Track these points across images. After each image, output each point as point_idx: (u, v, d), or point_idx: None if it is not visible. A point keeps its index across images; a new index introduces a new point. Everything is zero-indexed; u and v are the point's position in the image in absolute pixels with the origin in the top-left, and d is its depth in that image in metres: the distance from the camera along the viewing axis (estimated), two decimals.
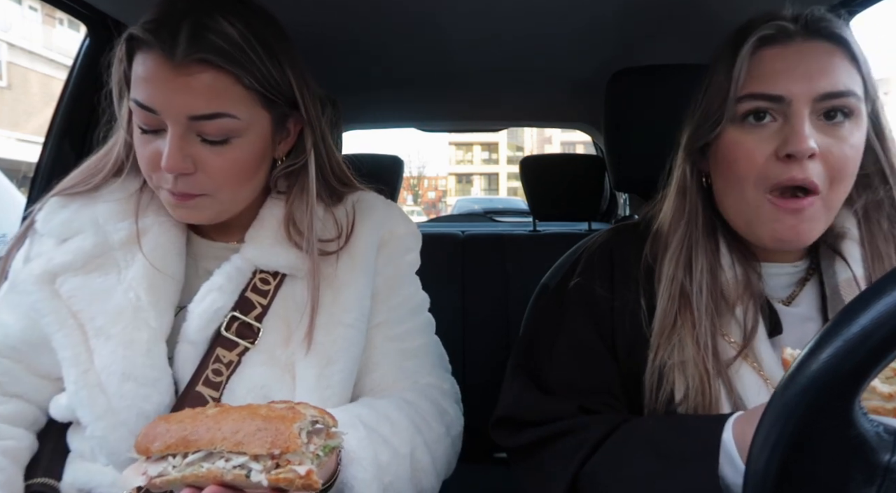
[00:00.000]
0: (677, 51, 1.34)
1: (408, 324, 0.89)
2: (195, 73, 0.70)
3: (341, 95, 1.65)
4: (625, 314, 0.80)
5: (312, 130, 0.82)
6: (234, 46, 0.72)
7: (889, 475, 0.37)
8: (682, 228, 0.79)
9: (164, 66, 0.70)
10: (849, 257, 0.76)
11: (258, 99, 0.75)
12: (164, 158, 0.71)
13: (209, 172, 0.74)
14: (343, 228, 0.84)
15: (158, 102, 0.71)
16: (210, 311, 0.78)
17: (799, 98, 0.69)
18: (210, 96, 0.71)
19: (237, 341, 0.78)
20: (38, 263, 0.78)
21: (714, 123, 0.74)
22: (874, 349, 0.35)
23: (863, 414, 0.37)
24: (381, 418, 0.76)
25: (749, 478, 0.40)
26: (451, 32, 1.34)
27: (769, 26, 0.72)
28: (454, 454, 0.88)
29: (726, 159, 0.74)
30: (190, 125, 0.72)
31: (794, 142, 0.68)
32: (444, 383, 0.91)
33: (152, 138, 0.74)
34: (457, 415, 0.89)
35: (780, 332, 0.75)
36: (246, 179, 0.78)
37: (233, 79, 0.72)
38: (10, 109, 15.05)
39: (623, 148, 1.14)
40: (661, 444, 0.69)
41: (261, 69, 0.74)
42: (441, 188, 47.64)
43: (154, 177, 0.76)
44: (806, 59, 0.70)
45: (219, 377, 0.77)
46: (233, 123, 0.73)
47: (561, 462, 0.75)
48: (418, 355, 0.89)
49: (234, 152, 0.75)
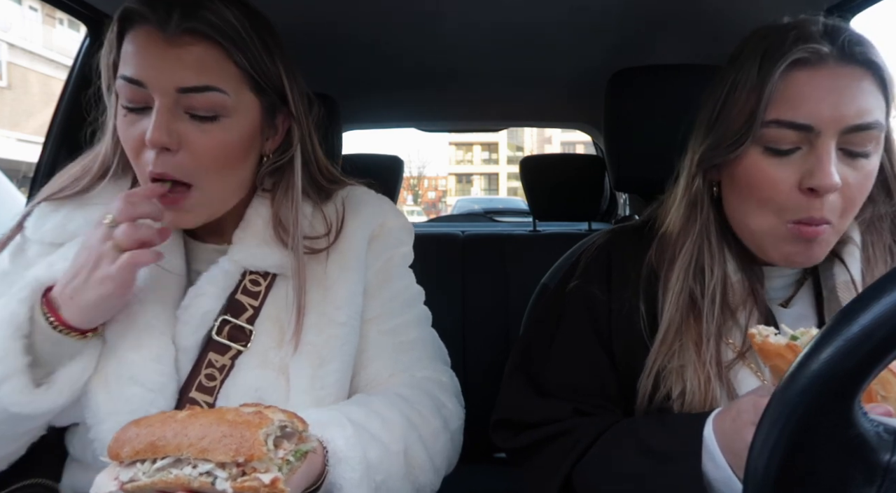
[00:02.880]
0: (677, 51, 1.34)
1: (401, 317, 0.87)
2: (186, 45, 0.70)
3: (341, 94, 1.65)
4: (622, 317, 0.80)
5: (299, 125, 0.82)
6: (227, 24, 0.72)
7: (889, 475, 0.37)
8: (693, 239, 0.78)
9: (156, 39, 0.70)
10: (849, 262, 0.76)
11: (248, 81, 0.75)
12: (149, 131, 0.69)
13: (193, 152, 0.72)
14: (332, 224, 0.83)
15: (147, 75, 0.70)
16: (196, 316, 0.76)
17: (827, 129, 0.67)
18: (200, 69, 0.71)
19: (229, 344, 0.77)
20: (39, 268, 0.76)
21: (736, 143, 0.72)
22: (874, 349, 0.35)
23: (863, 414, 0.37)
24: (371, 415, 0.74)
25: (749, 478, 0.40)
26: (451, 32, 1.34)
27: (804, 50, 0.68)
28: (454, 449, 0.85)
29: (747, 183, 0.72)
30: (178, 99, 0.71)
31: (819, 176, 0.67)
32: (441, 376, 0.88)
33: (137, 118, 0.72)
34: (455, 408, 0.87)
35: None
36: (231, 167, 0.76)
37: (224, 54, 0.72)
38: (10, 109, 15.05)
39: (623, 148, 1.14)
40: (647, 442, 0.70)
41: (252, 52, 0.74)
42: (441, 188, 47.65)
43: (139, 162, 0.73)
44: (837, 86, 0.67)
45: (212, 382, 0.76)
46: (222, 99, 0.72)
47: (555, 462, 0.76)
48: (414, 348, 0.87)
49: (222, 133, 0.73)
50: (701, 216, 0.78)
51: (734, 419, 0.62)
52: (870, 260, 0.76)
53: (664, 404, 0.75)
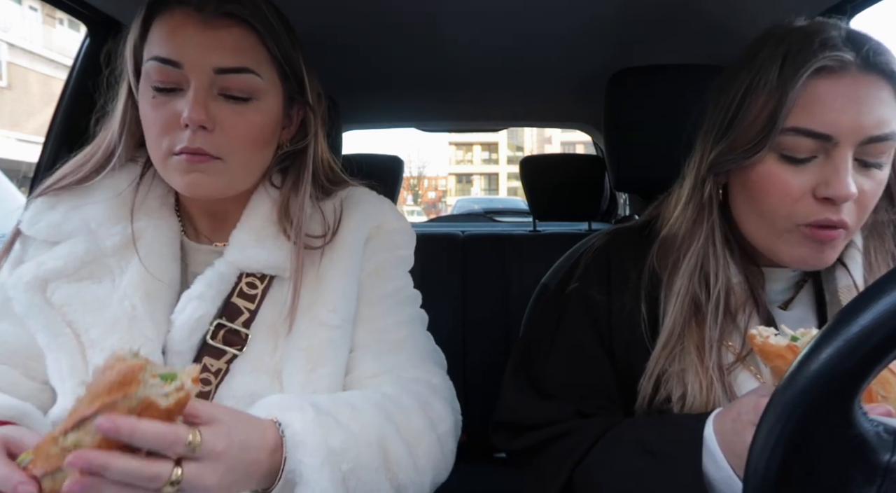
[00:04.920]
0: (677, 51, 1.34)
1: (392, 317, 0.84)
2: (224, 27, 0.73)
3: (341, 94, 1.66)
4: (622, 319, 0.80)
5: (315, 115, 0.84)
6: (260, 11, 0.75)
7: (889, 475, 0.37)
8: (698, 243, 0.76)
9: (194, 20, 0.72)
10: (851, 266, 0.76)
11: (276, 68, 0.78)
12: (188, 110, 0.70)
13: (228, 132, 0.74)
14: (329, 225, 0.82)
15: (185, 55, 0.72)
16: (191, 321, 0.75)
17: (846, 139, 0.66)
18: (238, 51, 0.73)
19: (224, 348, 0.76)
20: (28, 267, 0.75)
21: (752, 149, 0.70)
22: (874, 349, 0.35)
23: (863, 414, 0.37)
24: (340, 403, 0.70)
25: (749, 478, 0.40)
26: (451, 32, 1.34)
27: (829, 58, 0.66)
28: (442, 454, 0.78)
29: (760, 188, 0.71)
30: (214, 80, 0.73)
31: (836, 187, 0.66)
32: (432, 378, 0.83)
33: (167, 99, 0.73)
34: (444, 411, 0.80)
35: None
36: (259, 148, 0.78)
37: (259, 39, 0.75)
38: (10, 109, 15.05)
39: (623, 148, 1.14)
40: (648, 442, 0.70)
41: (282, 40, 0.77)
42: (441, 188, 47.65)
43: (166, 140, 0.73)
44: (858, 96, 0.66)
45: (207, 387, 0.75)
46: (256, 82, 0.75)
47: (557, 463, 0.76)
48: (402, 349, 0.83)
49: (254, 114, 0.75)
50: (708, 220, 0.76)
51: (735, 420, 0.62)
52: (871, 266, 0.76)
53: (664, 407, 0.75)
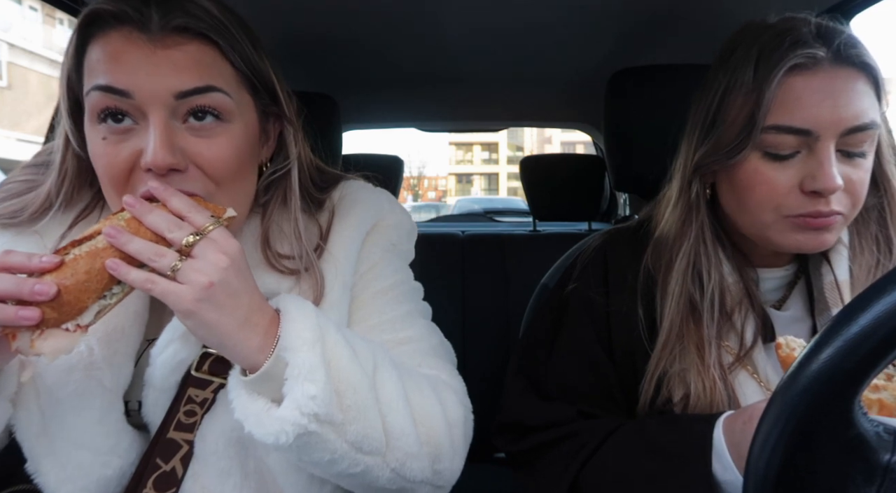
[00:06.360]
0: (677, 51, 1.34)
1: (393, 313, 0.78)
2: (177, 45, 0.61)
3: (341, 95, 1.65)
4: (620, 320, 0.80)
5: (293, 128, 0.74)
6: (213, 19, 0.63)
7: (889, 475, 0.37)
8: (689, 243, 0.77)
9: (138, 41, 0.60)
10: (835, 261, 0.76)
11: (244, 82, 0.68)
12: (150, 153, 0.59)
13: (204, 165, 0.63)
14: (323, 233, 0.76)
15: (134, 82, 0.60)
16: (172, 362, 0.68)
17: (826, 132, 0.67)
18: (197, 69, 0.62)
19: (210, 379, 0.70)
20: None
21: (735, 149, 0.71)
22: (874, 349, 0.35)
23: (863, 414, 0.37)
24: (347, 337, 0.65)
25: (749, 478, 0.40)
26: (451, 32, 1.34)
27: (801, 56, 0.67)
28: (447, 437, 0.70)
29: (745, 186, 0.72)
30: (176, 106, 0.62)
31: (821, 179, 0.67)
32: (441, 373, 0.77)
33: (119, 140, 0.62)
34: (454, 404, 0.73)
35: (774, 338, 0.76)
36: (243, 176, 0.68)
37: (219, 52, 0.64)
38: (10, 109, 15.06)
39: (623, 148, 1.14)
40: (656, 442, 0.70)
41: (243, 48, 0.66)
42: (441, 188, 47.64)
43: (127, 190, 0.62)
44: (834, 89, 0.67)
45: (192, 418, 0.70)
46: (224, 101, 0.64)
47: (561, 465, 0.76)
48: (408, 344, 0.78)
49: (228, 141, 0.65)
50: (697, 219, 0.77)
51: (745, 423, 0.62)
52: (856, 251, 0.77)
53: (666, 408, 0.75)
